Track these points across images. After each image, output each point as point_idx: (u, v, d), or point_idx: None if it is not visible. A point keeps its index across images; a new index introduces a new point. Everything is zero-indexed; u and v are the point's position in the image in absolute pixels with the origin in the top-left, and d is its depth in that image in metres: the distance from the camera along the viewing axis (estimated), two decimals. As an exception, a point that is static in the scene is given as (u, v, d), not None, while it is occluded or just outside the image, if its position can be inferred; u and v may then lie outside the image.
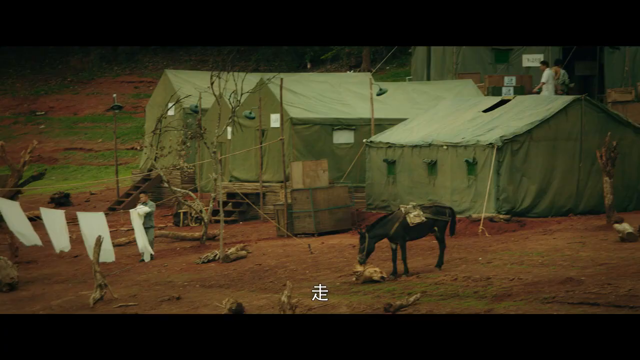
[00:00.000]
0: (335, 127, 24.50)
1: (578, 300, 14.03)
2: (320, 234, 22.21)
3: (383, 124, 24.18)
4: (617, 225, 18.45)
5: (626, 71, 29.17)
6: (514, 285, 15.44)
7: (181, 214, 25.62)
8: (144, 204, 21.48)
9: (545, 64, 27.44)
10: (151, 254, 21.19)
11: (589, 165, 20.76)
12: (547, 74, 26.78)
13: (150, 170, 27.85)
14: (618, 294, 14.13)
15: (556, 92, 26.33)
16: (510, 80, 28.64)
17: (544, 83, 26.55)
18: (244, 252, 20.72)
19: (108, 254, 19.60)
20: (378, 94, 24.54)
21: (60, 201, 29.09)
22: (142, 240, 20.98)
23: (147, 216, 21.33)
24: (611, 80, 28.37)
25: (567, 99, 21.59)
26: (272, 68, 41.55)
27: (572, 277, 15.48)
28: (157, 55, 46.66)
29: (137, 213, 21.04)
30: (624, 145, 20.65)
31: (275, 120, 24.33)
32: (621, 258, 16.68)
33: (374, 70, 35.76)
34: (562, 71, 27.19)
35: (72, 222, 21.38)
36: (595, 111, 21.12)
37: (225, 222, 23.01)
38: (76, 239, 20.88)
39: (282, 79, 23.63)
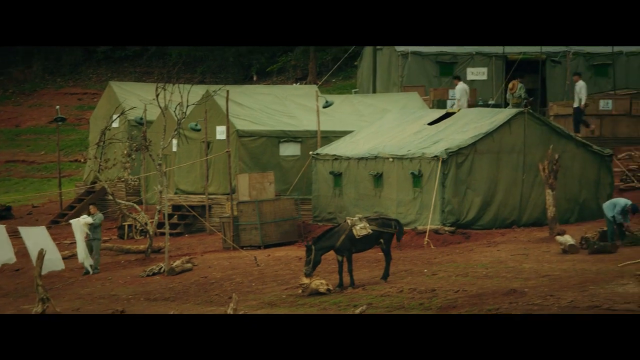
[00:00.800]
0: (282, 140, 24.51)
1: (521, 311, 14.17)
2: (267, 246, 22.16)
3: (329, 137, 24.24)
4: (559, 237, 18.69)
5: (567, 85, 29.64)
6: (459, 297, 15.55)
7: (126, 227, 25.39)
8: (92, 215, 21.25)
9: (457, 78, 27.83)
10: (91, 266, 20.94)
11: (531, 178, 21.02)
12: (460, 88, 27.23)
13: (94, 182, 27.56)
14: (560, 305, 14.31)
15: (512, 105, 26.66)
16: (454, 94, 28.92)
17: (458, 100, 27.02)
18: (189, 265, 20.58)
19: (56, 262, 19.35)
20: (324, 107, 24.60)
21: (2, 214, 28.64)
22: (82, 251, 20.77)
23: (94, 228, 21.10)
24: (553, 93, 28.80)
25: (510, 112, 21.86)
26: (218, 80, 41.42)
27: (516, 288, 15.64)
28: (100, 67, 46.23)
29: (80, 223, 20.81)
30: (566, 158, 20.94)
31: (221, 133, 24.25)
32: (563, 270, 16.90)
33: (320, 83, 35.83)
34: (520, 85, 27.52)
35: (14, 235, 21.05)
36: (538, 124, 21.40)
37: (171, 234, 22.83)
38: (17, 252, 20.55)
39: (228, 91, 23.57)
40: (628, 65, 30.24)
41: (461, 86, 27.32)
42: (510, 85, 27.51)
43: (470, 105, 27.28)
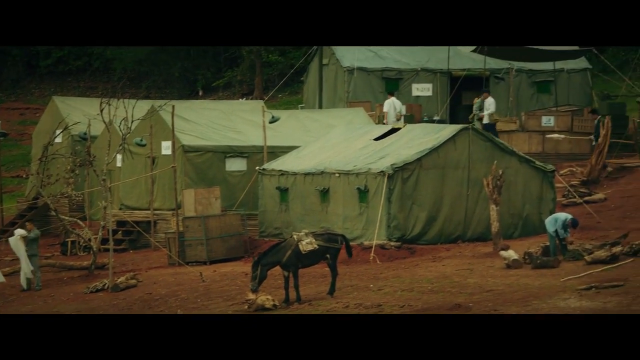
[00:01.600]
0: (228, 155, 24.43)
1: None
2: (213, 262, 22.04)
3: (276, 152, 24.24)
4: (503, 252, 18.88)
5: (511, 101, 30.04)
6: (405, 312, 15.61)
7: (69, 243, 25.08)
8: (29, 232, 20.96)
9: (391, 93, 28.14)
10: (28, 281, 20.66)
11: (476, 193, 21.22)
12: (388, 103, 27.56)
13: (36, 198, 27.20)
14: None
15: (483, 120, 26.97)
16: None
17: (386, 112, 27.36)
18: (134, 281, 20.38)
19: None
20: (270, 122, 24.60)
21: (-58, 230, 28.09)
22: (25, 266, 20.51)
23: (31, 244, 20.82)
24: (497, 110, 29.15)
25: (454, 128, 22.06)
26: (163, 95, 41.19)
27: (460, 303, 15.75)
28: (43, 82, 45.70)
29: (16, 237, 20.55)
30: (510, 174, 21.18)
31: (166, 148, 24.11)
32: (507, 284, 17.06)
33: (266, 98, 35.85)
34: (490, 100, 27.80)
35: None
36: (482, 140, 21.63)
37: (115, 250, 22.60)
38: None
39: (173, 106, 23.45)
40: (569, 82, 30.75)
41: (390, 100, 27.63)
42: (477, 100, 27.90)
43: (415, 121, 27.54)
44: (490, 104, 27.46)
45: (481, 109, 27.72)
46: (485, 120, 26.95)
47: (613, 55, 36.48)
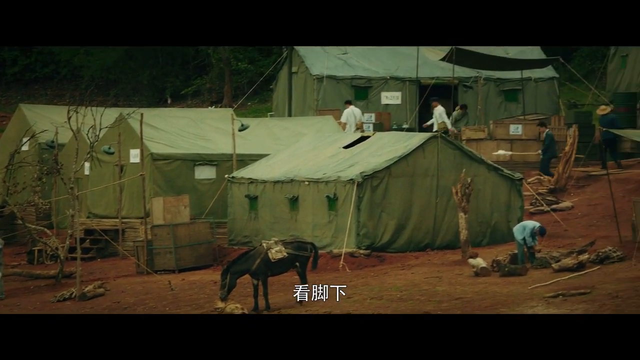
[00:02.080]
0: (197, 163, 24.37)
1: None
2: (181, 270, 21.95)
3: (245, 160, 24.20)
4: (471, 260, 18.97)
5: (479, 110, 30.23)
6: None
7: (36, 252, 24.88)
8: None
9: (349, 102, 28.26)
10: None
11: (445, 201, 21.30)
12: (346, 112, 27.72)
13: (2, 206, 26.97)
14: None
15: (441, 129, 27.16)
16: (369, 117, 29.23)
17: (345, 122, 27.50)
18: (101, 290, 20.25)
19: None
20: (240, 130, 24.57)
21: None
22: None
23: (-4, 253, 20.64)
24: (467, 118, 29.30)
25: (423, 136, 22.15)
26: (131, 103, 41.00)
27: (429, 311, 15.80)
28: (10, 89, 45.35)
29: None
30: (478, 182, 21.29)
31: (135, 156, 24.00)
32: (475, 292, 17.14)
33: (235, 106, 35.80)
34: (440, 108, 27.93)
35: None
36: (451, 148, 21.73)
37: (83, 259, 22.44)
38: None
39: (142, 114, 23.36)
40: (537, 90, 31.01)
41: (349, 109, 27.73)
42: (456, 112, 28.16)
43: (385, 129, 27.63)
44: (440, 112, 27.72)
45: (457, 121, 27.92)
46: (435, 129, 27.22)
47: (579, 64, 36.84)
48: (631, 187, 23.38)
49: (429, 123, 27.95)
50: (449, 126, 27.40)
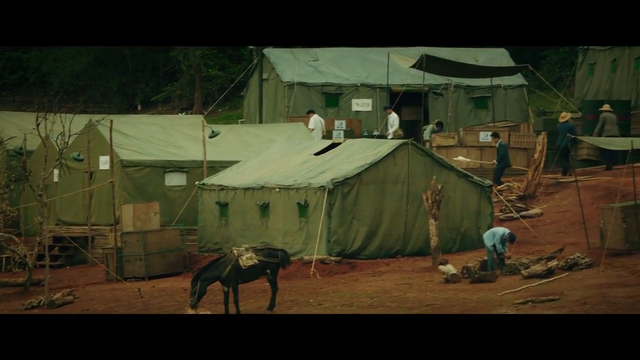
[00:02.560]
0: (167, 170, 24.27)
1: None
2: (151, 278, 21.84)
3: (216, 167, 24.14)
4: (441, 267, 19.03)
5: (449, 117, 30.37)
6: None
7: (3, 259, 24.66)
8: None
9: (312, 111, 28.37)
10: None
11: (415, 208, 21.36)
12: (314, 120, 27.84)
13: (-30, 213, 26.70)
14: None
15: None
16: (340, 124, 29.28)
17: (312, 129, 27.61)
18: (70, 298, 20.11)
19: None
20: (210, 137, 24.50)
21: None
22: None
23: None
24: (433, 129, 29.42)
25: (394, 143, 22.21)
26: (101, 110, 40.78)
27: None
28: (-23, 96, 44.97)
29: None
30: (448, 189, 21.38)
31: (104, 163, 23.88)
32: (445, 299, 17.19)
33: (206, 113, 35.71)
34: (394, 115, 28.11)
35: None
36: (421, 155, 21.81)
37: (52, 266, 22.27)
38: None
39: (111, 121, 23.24)
40: (506, 98, 31.21)
41: (315, 118, 27.80)
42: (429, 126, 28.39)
43: (355, 136, 27.68)
44: (394, 119, 27.89)
45: (432, 133, 28.07)
46: (390, 136, 27.36)
47: (548, 71, 37.13)
48: (599, 194, 23.57)
49: (387, 132, 28.14)
50: (391, 131, 27.69)
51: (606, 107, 26.95)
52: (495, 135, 26.01)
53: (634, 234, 19.19)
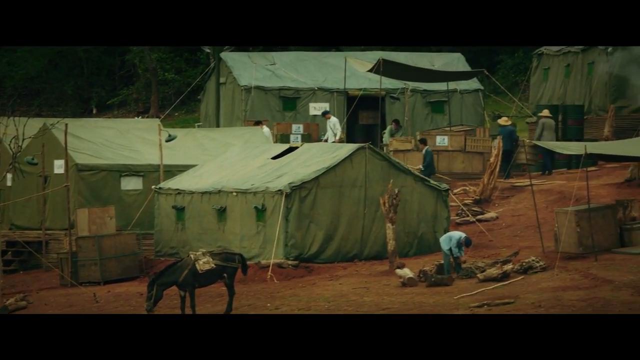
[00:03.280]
0: (123, 174, 24.10)
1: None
2: (107, 282, 21.67)
3: (172, 170, 24.01)
4: (398, 271, 19.10)
5: (406, 121, 30.50)
6: (302, 330, 15.61)
7: (-44, 264, 24.27)
8: None
9: (259, 122, 28.44)
10: None
11: (373, 212, 21.42)
12: (266, 130, 27.97)
13: None
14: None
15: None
16: (298, 128, 29.27)
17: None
18: (24, 303, 19.88)
19: None
20: (167, 140, 24.37)
21: None
22: None
23: None
24: (395, 129, 29.52)
25: (351, 147, 22.26)
26: (56, 113, 40.34)
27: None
28: None
29: None
30: (405, 193, 21.46)
31: (59, 167, 23.65)
32: (402, 303, 17.26)
33: (162, 117, 35.51)
34: (334, 119, 28.21)
35: None
36: (378, 159, 21.88)
37: (5, 271, 21.97)
38: None
39: (66, 125, 23.03)
40: (462, 102, 31.41)
41: (266, 129, 27.89)
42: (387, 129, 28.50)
43: (313, 140, 27.70)
44: (334, 124, 28.01)
45: (392, 135, 28.17)
46: (331, 140, 27.47)
47: (503, 76, 37.46)
48: (554, 197, 23.82)
49: (325, 137, 28.24)
50: (336, 137, 27.83)
51: (545, 112, 27.38)
52: (422, 141, 26.32)
53: (588, 238, 19.41)
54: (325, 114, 28.26)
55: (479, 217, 23.42)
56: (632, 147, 20.76)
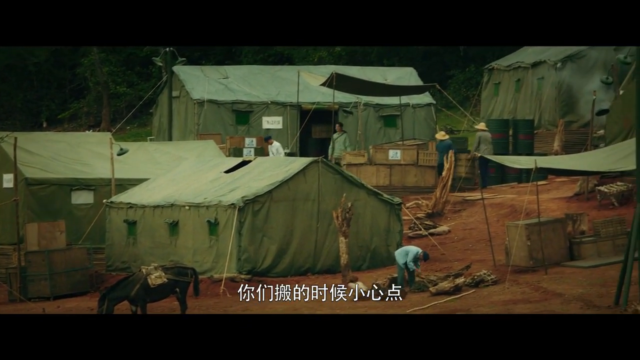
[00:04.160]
0: (74, 188, 23.86)
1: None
2: (57, 297, 21.41)
3: (124, 184, 23.83)
4: (351, 284, 19.13)
5: (359, 134, 30.62)
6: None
7: None
8: None
9: (269, 139, 28.40)
10: None
11: (326, 226, 21.45)
12: (275, 147, 27.94)
13: None
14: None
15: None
16: (251, 142, 29.23)
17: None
18: (-28, 320, 19.52)
19: None
20: (119, 154, 24.18)
21: None
22: None
23: None
24: (348, 142, 29.61)
25: (304, 160, 22.28)
26: (5, 127, 39.83)
27: (311, 334, 15.79)
28: None
29: None
30: (358, 206, 21.53)
31: (8, 181, 23.36)
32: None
33: (114, 130, 35.24)
34: (276, 144, 28.32)
35: None
36: (332, 173, 21.92)
37: (-48, 287, 21.63)
38: None
39: (16, 138, 22.76)
40: (415, 116, 31.62)
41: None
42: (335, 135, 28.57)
43: (265, 154, 27.68)
44: (277, 148, 28.04)
45: (335, 140, 28.24)
46: None
47: (455, 91, 37.80)
48: (505, 211, 24.04)
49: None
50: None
51: (481, 125, 27.76)
52: (266, 139, 26.61)
53: (538, 251, 19.62)
54: (267, 139, 28.24)
55: (431, 230, 23.56)
56: (581, 162, 21.05)
